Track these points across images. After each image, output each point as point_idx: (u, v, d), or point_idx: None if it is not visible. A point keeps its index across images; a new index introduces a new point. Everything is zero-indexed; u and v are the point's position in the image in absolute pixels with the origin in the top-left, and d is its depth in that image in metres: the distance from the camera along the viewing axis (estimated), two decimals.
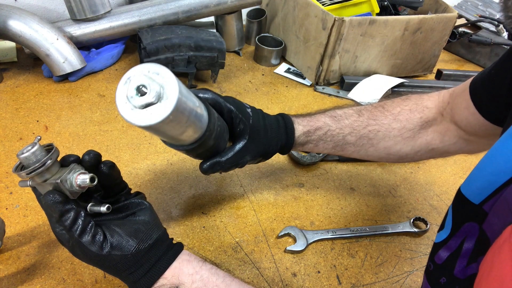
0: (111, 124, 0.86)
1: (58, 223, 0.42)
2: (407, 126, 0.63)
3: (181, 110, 0.38)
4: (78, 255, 0.44)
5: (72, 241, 0.42)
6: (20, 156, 0.40)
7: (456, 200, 0.45)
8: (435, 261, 0.47)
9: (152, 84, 0.36)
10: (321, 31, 1.04)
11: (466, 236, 0.43)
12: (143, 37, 0.93)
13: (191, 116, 0.42)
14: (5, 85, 0.91)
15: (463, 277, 0.43)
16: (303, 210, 0.75)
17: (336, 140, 0.64)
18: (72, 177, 0.42)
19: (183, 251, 0.49)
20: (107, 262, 0.43)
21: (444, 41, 1.22)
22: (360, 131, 0.64)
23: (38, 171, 0.40)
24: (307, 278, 0.63)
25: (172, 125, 0.40)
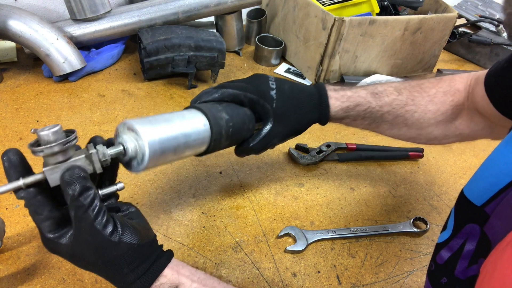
0: (111, 124, 0.86)
1: (74, 201, 0.38)
2: (441, 109, 0.63)
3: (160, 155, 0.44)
4: (80, 252, 0.41)
5: (84, 225, 0.39)
6: (39, 132, 0.37)
7: (458, 201, 0.45)
8: (436, 261, 0.47)
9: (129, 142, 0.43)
10: (321, 31, 1.04)
11: (468, 238, 0.43)
12: (143, 37, 0.93)
13: (179, 149, 0.47)
14: (5, 85, 0.91)
15: (464, 278, 0.43)
16: (303, 210, 0.75)
17: (374, 117, 0.64)
18: (102, 148, 0.41)
19: (173, 258, 0.48)
20: (114, 251, 0.41)
21: (444, 41, 1.22)
22: (398, 110, 0.63)
23: (57, 149, 0.37)
24: (307, 278, 0.63)
25: (163, 161, 0.46)
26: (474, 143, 1.02)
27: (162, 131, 0.45)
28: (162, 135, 0.45)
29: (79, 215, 0.39)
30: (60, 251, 0.41)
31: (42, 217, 0.40)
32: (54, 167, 0.38)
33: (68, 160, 0.39)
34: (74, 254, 0.41)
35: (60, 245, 0.41)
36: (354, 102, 0.63)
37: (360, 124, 0.66)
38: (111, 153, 0.42)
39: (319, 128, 0.96)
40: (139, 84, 1.00)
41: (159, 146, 0.44)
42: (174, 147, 0.46)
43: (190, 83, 1.00)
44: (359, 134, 0.97)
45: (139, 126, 0.43)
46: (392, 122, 0.64)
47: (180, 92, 1.00)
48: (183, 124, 0.48)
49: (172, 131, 0.46)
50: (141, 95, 0.97)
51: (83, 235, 0.40)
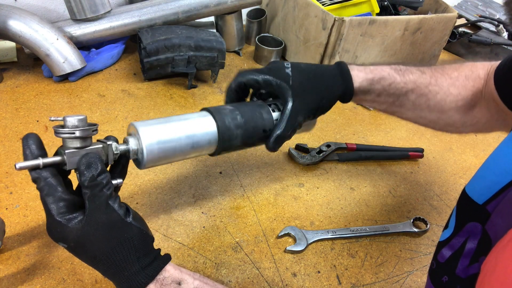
0: (111, 124, 0.86)
1: (93, 181, 0.40)
2: (462, 93, 0.62)
3: (160, 155, 0.47)
4: (90, 235, 0.40)
5: (99, 203, 0.40)
6: (67, 117, 0.41)
7: (460, 199, 0.46)
8: (438, 260, 0.47)
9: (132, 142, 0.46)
10: (321, 31, 1.04)
11: (469, 236, 0.43)
12: (143, 37, 0.93)
13: (182, 150, 0.49)
14: (5, 85, 0.91)
15: (465, 276, 0.43)
16: (303, 210, 0.75)
17: (399, 94, 0.62)
18: (115, 143, 0.45)
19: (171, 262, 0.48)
20: (126, 232, 0.42)
21: (444, 41, 1.22)
22: (422, 89, 0.62)
23: (81, 134, 0.41)
24: (307, 278, 0.63)
25: (165, 160, 0.49)
26: (474, 143, 1.02)
27: (162, 133, 0.47)
28: (162, 137, 0.47)
29: (95, 192, 0.40)
30: (67, 237, 0.40)
31: (54, 198, 0.40)
32: (74, 151, 0.41)
33: (85, 147, 0.42)
34: (82, 237, 0.40)
35: (68, 229, 0.40)
36: (378, 75, 0.61)
37: (384, 101, 0.63)
38: (121, 149, 0.45)
39: (319, 128, 0.96)
40: (139, 84, 1.00)
41: (158, 147, 0.46)
42: (175, 148, 0.48)
43: (190, 83, 1.00)
44: (359, 134, 0.97)
45: (140, 127, 0.46)
46: (415, 102, 0.63)
47: (180, 92, 1.00)
48: (187, 125, 0.50)
49: (174, 133, 0.48)
50: (141, 95, 0.97)
51: (97, 214, 0.41)
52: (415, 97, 0.62)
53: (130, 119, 0.88)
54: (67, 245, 0.41)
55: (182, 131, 0.49)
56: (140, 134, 0.45)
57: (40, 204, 0.67)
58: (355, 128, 0.99)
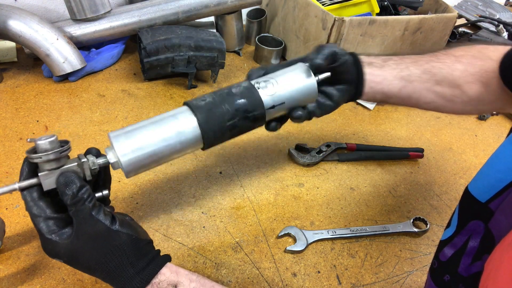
0: (111, 124, 0.86)
1: (73, 198, 0.41)
2: (469, 70, 0.59)
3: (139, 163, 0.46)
4: (80, 248, 0.42)
5: (83, 216, 0.41)
6: (37, 141, 0.41)
7: (463, 198, 0.45)
8: (439, 259, 0.47)
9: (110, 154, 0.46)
10: (321, 31, 1.04)
11: (472, 234, 0.43)
12: (143, 37, 0.93)
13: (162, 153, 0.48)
14: (5, 85, 0.91)
15: (467, 275, 0.43)
16: (303, 210, 0.74)
17: (401, 68, 0.61)
18: (92, 158, 0.44)
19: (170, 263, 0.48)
20: (114, 240, 0.42)
21: (444, 41, 1.22)
22: (423, 65, 0.60)
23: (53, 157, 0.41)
24: (307, 278, 0.63)
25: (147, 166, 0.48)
26: (474, 143, 1.02)
27: (136, 142, 0.46)
28: (136, 145, 0.46)
29: (78, 207, 0.41)
30: (59, 252, 0.42)
31: (42, 218, 0.42)
32: (49, 173, 0.42)
33: (61, 167, 0.42)
34: (74, 250, 0.42)
35: (59, 245, 0.42)
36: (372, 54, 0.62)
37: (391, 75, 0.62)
38: (99, 163, 0.45)
39: (319, 128, 0.96)
40: (139, 84, 1.00)
41: (134, 156, 0.46)
42: (154, 153, 0.47)
43: (190, 83, 1.00)
44: (359, 134, 0.97)
45: (114, 140, 0.46)
46: (422, 77, 0.60)
47: (180, 92, 1.00)
48: (162, 127, 0.48)
49: (149, 138, 0.47)
50: (141, 95, 0.97)
51: (83, 227, 0.42)
52: (419, 72, 0.60)
53: (130, 119, 0.88)
54: (62, 260, 0.43)
55: (158, 135, 0.47)
56: (114, 146, 0.45)
57: None
58: (355, 128, 0.99)
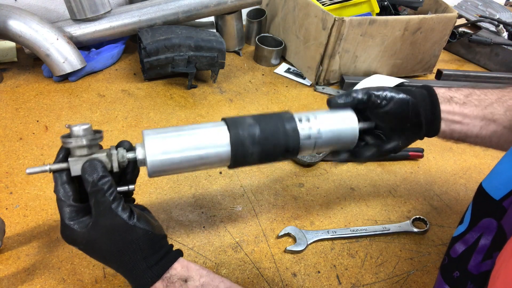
0: (111, 124, 0.86)
1: (94, 187, 0.42)
2: None
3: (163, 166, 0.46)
4: (96, 238, 0.42)
5: (103, 209, 0.42)
6: (72, 127, 0.42)
7: (476, 194, 0.45)
8: (450, 255, 0.47)
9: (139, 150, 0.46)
10: (321, 31, 1.04)
11: (484, 232, 0.43)
12: (143, 37, 0.93)
13: (189, 162, 0.47)
14: (5, 85, 0.91)
15: (477, 273, 0.43)
16: (303, 210, 0.75)
17: (484, 105, 0.55)
18: (122, 151, 0.45)
19: (182, 258, 0.49)
20: (130, 235, 0.43)
21: (444, 41, 1.22)
22: (507, 101, 0.55)
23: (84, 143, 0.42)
24: (307, 278, 0.63)
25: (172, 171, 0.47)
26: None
27: (169, 144, 0.46)
28: (168, 148, 0.46)
29: (98, 199, 0.42)
30: (77, 239, 0.43)
31: (66, 203, 0.43)
32: (78, 159, 0.43)
33: (91, 154, 0.43)
34: (90, 240, 0.43)
35: (76, 233, 0.43)
36: (454, 87, 0.57)
37: (472, 114, 0.55)
38: (128, 157, 0.45)
39: None
40: (139, 84, 1.00)
41: (161, 158, 0.45)
42: (181, 160, 0.47)
43: (190, 83, 1.00)
44: None
45: (147, 137, 0.46)
46: (506, 115, 0.55)
47: (180, 92, 1.00)
48: (197, 137, 0.47)
49: (182, 144, 0.46)
50: (141, 95, 0.97)
51: (101, 219, 0.42)
52: (503, 110, 0.55)
53: (130, 119, 0.88)
54: (78, 247, 0.44)
55: (191, 143, 0.47)
56: (145, 143, 0.45)
57: (40, 204, 0.67)
58: None
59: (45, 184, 0.70)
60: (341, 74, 1.13)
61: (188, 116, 0.92)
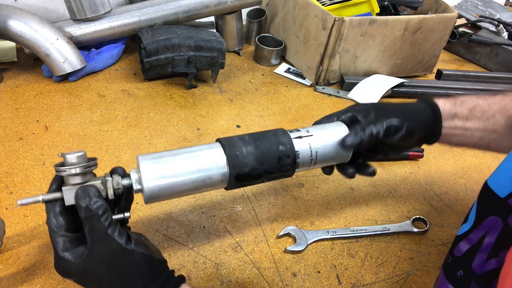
0: (111, 124, 0.86)
1: (88, 212, 0.40)
2: None
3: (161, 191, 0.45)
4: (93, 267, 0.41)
5: (98, 234, 0.40)
6: (66, 155, 0.42)
7: (482, 192, 0.45)
8: (454, 254, 0.47)
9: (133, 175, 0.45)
10: (321, 31, 1.04)
11: (488, 230, 0.43)
12: (143, 37, 0.93)
13: (187, 186, 0.46)
14: (5, 85, 0.91)
15: (481, 272, 0.43)
16: (303, 210, 0.75)
17: (487, 116, 0.57)
18: (117, 178, 0.44)
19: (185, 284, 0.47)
20: (128, 261, 0.41)
21: (444, 41, 1.22)
22: (509, 110, 0.57)
23: (77, 171, 0.41)
24: (307, 278, 0.63)
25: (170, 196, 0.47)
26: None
27: (164, 169, 0.45)
28: (164, 172, 0.45)
29: (93, 224, 0.40)
30: (71, 270, 0.42)
31: (58, 234, 0.41)
32: (72, 188, 0.42)
33: (85, 182, 0.43)
34: (86, 270, 0.41)
35: (71, 264, 0.41)
36: (460, 99, 0.58)
37: (476, 128, 0.58)
38: (123, 184, 0.44)
39: None
40: (139, 84, 1.00)
41: (157, 184, 0.45)
42: (178, 184, 0.46)
43: (190, 83, 1.00)
44: None
45: (142, 162, 0.45)
46: (508, 125, 0.57)
47: (180, 92, 1.00)
48: (194, 159, 0.47)
49: (178, 168, 0.46)
50: (141, 95, 0.97)
51: (97, 245, 0.41)
52: (505, 120, 0.57)
53: (130, 119, 0.88)
54: (73, 279, 0.42)
55: (187, 167, 0.46)
56: (141, 169, 0.44)
57: (40, 204, 0.67)
58: None
59: (45, 184, 0.70)
60: (341, 74, 1.13)
61: (188, 116, 0.92)
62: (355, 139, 0.52)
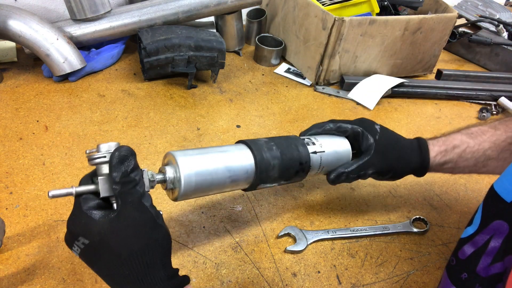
0: (111, 124, 0.86)
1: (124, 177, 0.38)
2: None
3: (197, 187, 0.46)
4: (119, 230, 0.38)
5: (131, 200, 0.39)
6: (99, 145, 0.41)
7: (487, 196, 0.45)
8: (458, 256, 0.47)
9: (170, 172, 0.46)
10: (321, 31, 1.04)
11: (494, 234, 0.43)
12: (143, 37, 0.93)
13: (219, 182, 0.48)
14: (5, 85, 0.92)
15: (485, 275, 0.43)
16: (303, 210, 0.75)
17: (477, 156, 0.62)
18: (151, 171, 0.44)
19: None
20: (156, 234, 0.40)
21: (444, 41, 1.22)
22: (499, 144, 0.62)
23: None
24: (307, 278, 0.63)
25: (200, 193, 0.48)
26: None
27: (201, 164, 0.46)
28: (200, 167, 0.46)
29: (128, 189, 0.39)
30: (92, 230, 0.38)
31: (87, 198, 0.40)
32: (108, 177, 0.40)
33: None
34: (109, 232, 0.38)
35: (93, 222, 0.38)
36: (451, 145, 0.63)
37: (465, 167, 0.64)
38: (157, 178, 0.45)
39: None
40: (139, 84, 1.00)
41: (195, 179, 0.45)
42: (213, 181, 0.47)
43: (190, 83, 1.01)
44: None
45: (179, 157, 0.45)
46: (499, 158, 0.62)
47: (180, 92, 1.00)
48: (226, 157, 0.49)
49: (213, 164, 0.47)
50: (141, 95, 0.97)
51: (128, 210, 0.39)
52: (496, 154, 0.62)
53: (130, 119, 0.88)
54: (89, 241, 0.39)
55: (221, 163, 0.48)
56: (178, 164, 0.44)
57: (40, 204, 0.67)
58: None
59: (45, 184, 0.70)
60: (341, 74, 1.13)
61: (188, 116, 0.92)
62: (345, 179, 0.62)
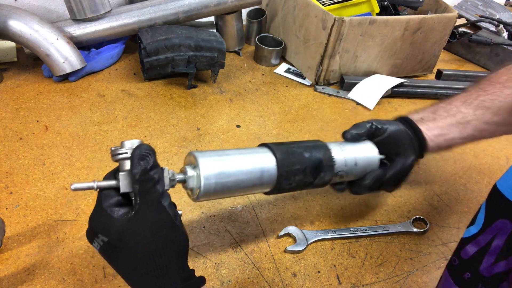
0: (111, 124, 0.86)
1: (144, 175, 0.38)
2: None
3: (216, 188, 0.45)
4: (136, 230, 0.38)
5: (150, 199, 0.38)
6: (123, 142, 0.41)
7: (490, 195, 0.45)
8: (461, 256, 0.46)
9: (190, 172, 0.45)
10: (321, 31, 1.04)
11: (497, 233, 0.43)
12: (143, 37, 0.93)
13: (239, 185, 0.47)
14: (5, 85, 0.91)
15: (489, 275, 0.43)
16: (303, 210, 0.75)
17: (452, 113, 0.62)
18: (172, 171, 0.43)
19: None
20: (172, 235, 0.40)
21: (444, 41, 1.22)
22: (472, 102, 0.61)
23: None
24: (307, 278, 0.63)
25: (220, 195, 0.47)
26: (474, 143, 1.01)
27: (222, 166, 0.46)
28: (221, 169, 0.46)
29: (147, 188, 0.38)
30: (111, 228, 0.38)
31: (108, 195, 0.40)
32: (128, 174, 0.40)
33: None
34: (127, 231, 0.38)
35: (113, 220, 0.38)
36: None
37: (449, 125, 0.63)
38: (178, 178, 0.44)
39: (319, 128, 0.96)
40: (139, 84, 1.00)
41: (215, 181, 0.45)
42: (233, 183, 0.47)
43: (190, 83, 1.01)
44: None
45: (200, 158, 0.45)
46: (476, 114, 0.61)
47: (180, 92, 1.00)
48: (248, 160, 0.48)
49: (234, 166, 0.47)
50: (141, 95, 0.97)
51: (147, 210, 0.38)
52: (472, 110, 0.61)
53: (130, 119, 0.88)
54: (108, 238, 0.39)
55: (242, 166, 0.47)
56: (199, 165, 0.44)
57: (40, 204, 0.67)
58: None
59: (45, 184, 0.70)
60: (341, 74, 1.13)
61: (188, 116, 0.92)
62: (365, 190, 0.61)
